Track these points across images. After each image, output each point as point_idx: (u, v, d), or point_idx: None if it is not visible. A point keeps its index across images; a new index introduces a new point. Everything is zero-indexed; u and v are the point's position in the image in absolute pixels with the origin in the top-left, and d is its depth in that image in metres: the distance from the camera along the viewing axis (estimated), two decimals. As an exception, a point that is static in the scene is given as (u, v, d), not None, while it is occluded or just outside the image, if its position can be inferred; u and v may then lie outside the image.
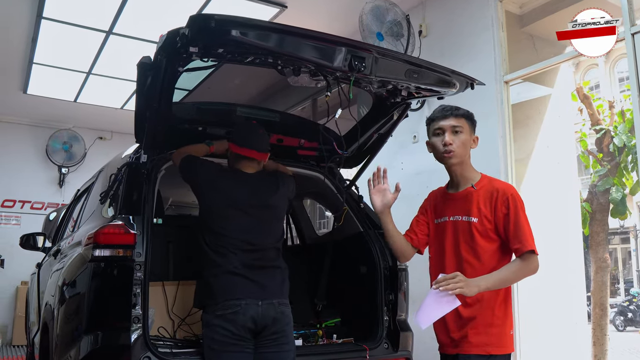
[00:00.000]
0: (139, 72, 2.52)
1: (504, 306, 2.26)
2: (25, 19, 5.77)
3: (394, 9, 4.75)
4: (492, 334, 2.21)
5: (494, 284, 2.16)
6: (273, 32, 2.31)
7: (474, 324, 2.21)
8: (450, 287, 2.07)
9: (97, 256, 2.46)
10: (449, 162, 2.35)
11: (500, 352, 2.21)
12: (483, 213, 2.25)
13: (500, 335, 2.22)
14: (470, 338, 2.21)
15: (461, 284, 2.07)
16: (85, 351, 2.42)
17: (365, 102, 3.36)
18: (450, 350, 2.30)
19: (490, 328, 2.21)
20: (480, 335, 2.20)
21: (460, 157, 2.33)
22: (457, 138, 2.32)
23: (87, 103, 8.28)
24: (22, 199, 9.14)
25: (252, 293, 2.42)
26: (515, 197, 2.24)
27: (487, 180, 2.34)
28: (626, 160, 6.60)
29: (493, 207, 2.24)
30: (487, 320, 2.21)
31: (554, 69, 4.80)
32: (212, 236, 2.50)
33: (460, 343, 2.24)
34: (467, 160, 2.37)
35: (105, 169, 3.48)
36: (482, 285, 2.13)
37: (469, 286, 2.09)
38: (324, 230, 9.00)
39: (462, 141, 2.32)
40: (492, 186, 2.29)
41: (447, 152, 2.31)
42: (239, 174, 2.64)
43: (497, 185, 2.31)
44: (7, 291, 8.57)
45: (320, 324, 3.25)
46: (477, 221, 2.25)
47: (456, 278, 2.08)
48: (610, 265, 7.87)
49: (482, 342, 2.20)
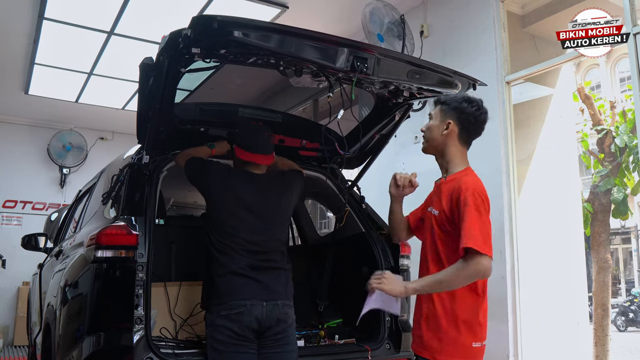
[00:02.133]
0: (141, 73, 2.52)
1: (468, 313, 2.08)
2: (26, 20, 5.78)
3: (391, 12, 4.76)
4: (443, 340, 2.08)
5: (427, 285, 2.07)
6: (275, 33, 2.32)
7: (429, 325, 2.12)
8: (371, 282, 2.07)
9: (99, 257, 2.47)
10: (422, 150, 2.35)
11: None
12: (442, 207, 2.16)
13: (453, 344, 2.06)
14: (423, 338, 2.13)
15: (383, 282, 2.06)
16: (87, 352, 2.42)
17: (366, 103, 3.37)
18: (413, 346, 2.22)
19: (443, 334, 2.08)
20: (432, 339, 2.10)
21: (428, 142, 2.29)
22: (426, 125, 2.31)
23: (88, 103, 8.29)
24: (23, 200, 9.15)
25: (257, 294, 2.42)
26: (471, 195, 2.06)
27: (462, 175, 2.20)
28: (627, 161, 6.60)
29: (450, 202, 2.12)
30: (440, 324, 2.09)
31: (556, 69, 4.79)
32: (219, 236, 2.50)
33: (415, 340, 2.18)
34: (445, 149, 2.25)
35: (107, 170, 3.48)
36: (410, 286, 2.07)
37: (391, 284, 2.06)
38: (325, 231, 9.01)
39: (427, 126, 2.29)
40: (459, 181, 2.14)
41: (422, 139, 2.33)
42: (248, 174, 2.64)
43: (465, 180, 2.14)
44: (9, 291, 8.58)
45: (322, 325, 3.24)
46: (437, 214, 2.18)
47: (383, 274, 2.08)
48: (612, 266, 7.85)
49: (432, 346, 2.09)
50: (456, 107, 2.23)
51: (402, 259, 3.22)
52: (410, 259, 3.29)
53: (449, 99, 2.29)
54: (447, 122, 2.23)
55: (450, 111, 2.24)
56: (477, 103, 2.26)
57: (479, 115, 2.25)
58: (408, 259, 3.26)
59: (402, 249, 3.22)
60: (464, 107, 2.23)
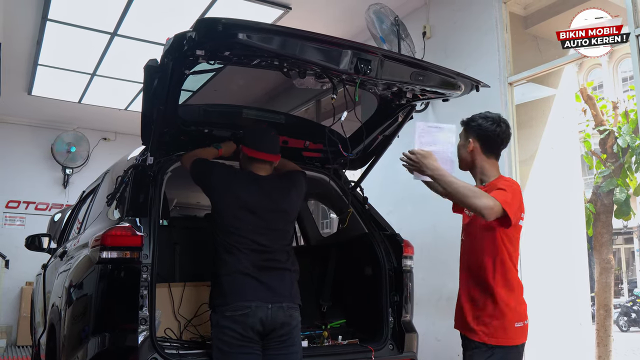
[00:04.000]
0: (145, 75, 2.53)
1: (507, 297, 2.34)
2: (30, 21, 5.80)
3: (389, 16, 4.77)
4: (492, 325, 2.32)
5: (454, 188, 2.26)
6: (279, 35, 2.33)
7: (478, 312, 2.35)
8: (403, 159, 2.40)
9: (104, 258, 2.48)
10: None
11: (499, 344, 2.30)
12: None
13: (499, 327, 2.31)
14: (473, 325, 2.35)
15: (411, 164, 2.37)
16: (92, 352, 2.43)
17: (369, 104, 3.37)
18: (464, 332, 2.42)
19: (491, 319, 2.32)
20: (481, 325, 2.33)
21: (459, 160, 2.55)
22: (457, 144, 2.56)
23: (91, 104, 8.31)
24: (26, 200, 9.17)
25: (262, 296, 2.43)
26: (505, 186, 2.33)
27: (497, 180, 2.45)
28: (630, 161, 6.60)
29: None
30: (489, 311, 2.33)
31: (558, 70, 4.79)
32: (224, 236, 2.51)
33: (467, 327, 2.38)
34: (474, 163, 2.51)
35: (111, 171, 3.49)
36: (437, 172, 2.31)
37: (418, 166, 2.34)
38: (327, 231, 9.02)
39: (457, 146, 2.54)
40: (496, 185, 2.38)
41: None
42: (252, 175, 2.65)
43: (501, 182, 2.41)
44: (12, 292, 8.59)
45: (326, 325, 3.25)
46: (472, 215, 2.43)
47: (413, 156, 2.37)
48: (614, 266, 7.85)
49: (483, 331, 2.32)
50: (474, 126, 2.51)
51: (405, 259, 3.23)
52: (413, 259, 3.30)
53: (470, 119, 2.55)
54: (469, 140, 2.50)
55: (470, 130, 2.52)
56: (492, 119, 2.51)
57: (495, 129, 2.48)
58: (411, 260, 3.27)
59: (405, 250, 3.23)
60: (481, 124, 2.49)
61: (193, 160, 2.72)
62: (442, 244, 4.70)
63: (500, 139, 2.50)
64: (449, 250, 4.70)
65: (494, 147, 2.50)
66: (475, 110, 4.44)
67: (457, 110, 4.67)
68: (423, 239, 4.49)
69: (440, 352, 4.46)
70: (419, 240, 3.03)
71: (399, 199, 5.12)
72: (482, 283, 2.36)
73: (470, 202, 2.22)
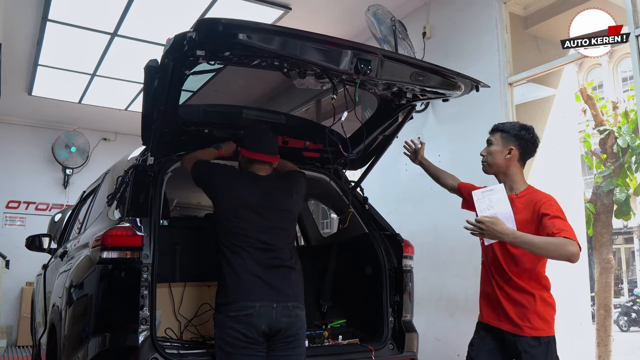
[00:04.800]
0: (146, 75, 2.53)
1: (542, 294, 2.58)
2: (30, 21, 5.80)
3: (386, 17, 4.78)
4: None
5: (525, 242, 2.32)
6: (280, 36, 2.33)
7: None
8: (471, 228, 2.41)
9: (104, 258, 2.48)
10: (483, 171, 2.68)
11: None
12: (522, 217, 2.45)
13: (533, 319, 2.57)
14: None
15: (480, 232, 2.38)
16: (93, 352, 2.43)
17: (369, 104, 3.38)
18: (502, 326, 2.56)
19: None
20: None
21: (491, 165, 2.63)
22: (487, 149, 2.65)
23: (91, 104, 8.31)
24: (26, 200, 9.17)
25: (266, 296, 2.43)
26: (551, 205, 2.44)
27: (531, 190, 2.57)
28: (630, 161, 6.60)
29: (532, 213, 2.46)
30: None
31: (558, 70, 4.79)
32: (227, 235, 2.51)
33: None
34: (508, 170, 2.61)
35: (112, 171, 3.50)
36: (515, 235, 2.33)
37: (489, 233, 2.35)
38: (328, 231, 9.02)
39: (489, 151, 2.63)
40: (534, 196, 2.51)
41: (482, 162, 2.67)
42: (252, 176, 2.66)
43: (539, 195, 2.52)
44: (12, 292, 8.58)
45: (326, 325, 3.26)
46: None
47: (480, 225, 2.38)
48: (614, 266, 7.85)
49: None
50: (516, 135, 2.60)
51: (405, 259, 3.23)
52: (413, 259, 3.30)
53: (508, 127, 2.64)
54: (509, 148, 2.60)
55: (511, 138, 2.60)
56: (531, 130, 2.64)
57: (534, 140, 2.63)
58: (411, 260, 3.27)
59: (406, 250, 3.24)
60: (523, 134, 2.60)
61: (194, 162, 2.72)
62: (442, 243, 4.70)
63: (536, 150, 2.65)
64: (449, 250, 4.74)
65: (528, 157, 2.64)
66: (476, 110, 4.46)
67: (458, 111, 4.70)
68: (423, 239, 4.49)
69: (441, 352, 4.46)
70: (419, 240, 3.03)
71: (399, 199, 5.12)
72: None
73: (557, 254, 2.29)
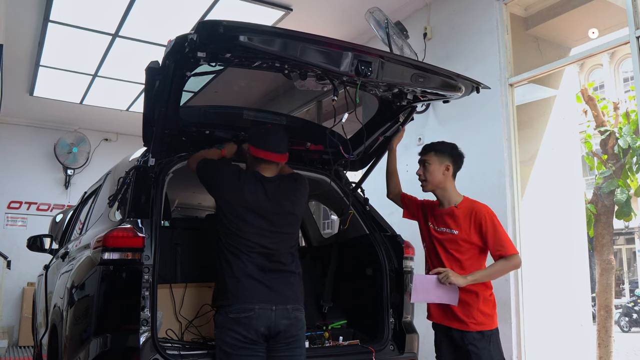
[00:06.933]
0: (147, 77, 2.54)
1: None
2: (32, 22, 5.82)
3: (383, 20, 4.79)
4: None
5: (480, 277, 2.72)
6: (280, 38, 2.33)
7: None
8: (440, 278, 2.68)
9: (106, 259, 2.49)
10: (422, 189, 2.94)
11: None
12: (462, 228, 2.78)
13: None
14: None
15: (449, 275, 2.66)
16: (94, 353, 2.44)
17: (370, 105, 3.38)
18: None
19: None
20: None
21: (431, 183, 2.88)
22: (424, 169, 2.91)
23: (92, 105, 8.33)
24: (28, 201, 9.19)
25: (266, 298, 2.43)
26: (489, 216, 2.76)
27: (468, 203, 2.85)
28: (631, 162, 6.58)
29: (470, 224, 2.77)
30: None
31: (559, 70, 4.80)
32: (228, 237, 2.51)
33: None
34: (445, 185, 2.88)
35: (113, 172, 3.50)
36: (469, 278, 2.68)
37: (456, 277, 2.67)
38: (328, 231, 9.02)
39: (428, 170, 2.88)
40: (472, 208, 2.80)
41: (421, 181, 2.92)
42: (258, 177, 2.65)
43: (476, 207, 2.81)
44: (14, 292, 8.61)
45: (326, 326, 3.25)
46: (457, 233, 2.79)
47: (445, 270, 2.70)
48: (615, 267, 7.85)
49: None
50: (449, 152, 2.90)
51: (406, 260, 3.23)
52: (414, 260, 3.30)
53: (439, 146, 2.91)
54: (445, 165, 2.87)
55: (446, 155, 2.89)
56: (457, 146, 2.95)
57: (462, 155, 2.95)
58: (412, 261, 3.28)
59: (406, 251, 3.24)
60: (454, 151, 2.91)
61: (199, 161, 2.73)
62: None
63: (462, 163, 2.94)
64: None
65: (457, 170, 2.92)
66: (476, 111, 4.46)
67: (458, 112, 4.71)
68: (424, 240, 4.49)
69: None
70: (419, 241, 3.05)
71: (400, 199, 5.11)
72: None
73: (506, 273, 2.81)
